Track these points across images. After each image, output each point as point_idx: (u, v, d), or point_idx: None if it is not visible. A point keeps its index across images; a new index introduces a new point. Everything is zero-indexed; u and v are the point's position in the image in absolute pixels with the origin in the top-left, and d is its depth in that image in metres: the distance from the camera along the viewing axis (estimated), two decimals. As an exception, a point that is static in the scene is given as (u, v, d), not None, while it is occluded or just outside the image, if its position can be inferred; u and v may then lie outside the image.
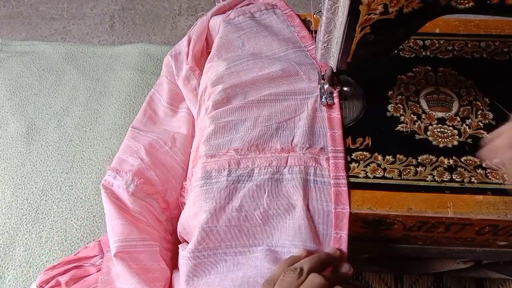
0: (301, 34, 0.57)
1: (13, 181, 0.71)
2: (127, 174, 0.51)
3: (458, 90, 0.50)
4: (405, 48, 0.54)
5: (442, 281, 0.59)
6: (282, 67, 0.52)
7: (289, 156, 0.44)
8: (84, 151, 0.74)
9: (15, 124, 0.78)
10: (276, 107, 0.48)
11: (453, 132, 0.46)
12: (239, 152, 0.45)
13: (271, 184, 0.43)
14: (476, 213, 0.41)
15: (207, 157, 0.45)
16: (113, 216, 0.48)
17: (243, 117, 0.48)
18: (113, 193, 0.50)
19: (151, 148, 0.55)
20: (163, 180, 0.53)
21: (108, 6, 1.03)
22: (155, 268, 0.47)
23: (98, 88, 0.83)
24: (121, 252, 0.46)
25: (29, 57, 0.89)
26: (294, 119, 0.47)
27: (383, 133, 0.47)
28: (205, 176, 0.44)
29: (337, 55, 0.41)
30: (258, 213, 0.42)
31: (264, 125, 0.47)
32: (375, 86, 0.50)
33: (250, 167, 0.44)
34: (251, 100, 0.49)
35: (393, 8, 0.35)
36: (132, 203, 0.49)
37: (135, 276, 0.45)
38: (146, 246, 0.48)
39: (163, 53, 0.88)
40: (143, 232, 0.49)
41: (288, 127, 0.47)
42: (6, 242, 0.64)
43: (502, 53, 0.53)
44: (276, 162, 0.44)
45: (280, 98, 0.49)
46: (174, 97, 0.61)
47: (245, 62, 0.53)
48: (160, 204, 0.53)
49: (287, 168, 0.44)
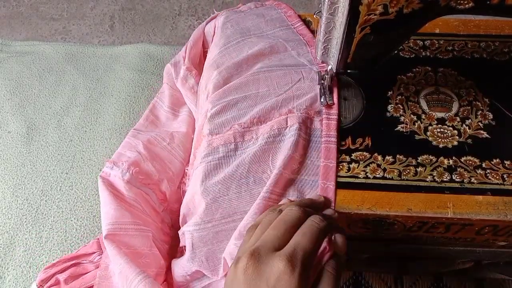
0: (299, 29, 0.58)
1: (13, 181, 0.71)
2: (123, 164, 0.52)
3: (458, 90, 0.50)
4: (405, 48, 0.54)
5: (442, 281, 0.59)
6: (271, 44, 0.54)
7: (288, 117, 0.46)
8: (84, 151, 0.74)
9: (15, 124, 0.78)
10: (272, 80, 0.50)
11: (453, 132, 0.46)
12: (242, 126, 0.47)
13: (274, 146, 0.45)
14: (476, 214, 0.41)
15: (212, 135, 0.47)
16: (107, 202, 0.49)
17: (242, 95, 0.50)
18: (110, 183, 0.51)
19: (149, 143, 0.56)
20: (159, 171, 0.54)
21: (108, 6, 1.03)
22: (147, 253, 0.47)
23: (98, 88, 0.83)
24: (111, 234, 0.47)
25: (29, 57, 0.89)
26: (292, 89, 0.49)
27: (383, 133, 0.47)
28: (212, 152, 0.46)
29: (337, 55, 0.42)
30: (266, 176, 0.44)
31: (264, 100, 0.49)
32: (375, 86, 0.51)
33: (255, 137, 0.46)
34: (246, 77, 0.51)
35: (393, 8, 0.35)
36: (128, 190, 0.50)
37: (124, 257, 0.45)
38: (137, 230, 0.48)
39: (163, 53, 0.88)
40: (135, 217, 0.49)
41: (287, 97, 0.49)
42: (6, 242, 0.64)
43: (502, 53, 0.53)
44: (277, 125, 0.46)
45: (274, 69, 0.51)
46: (175, 102, 0.63)
47: (234, 43, 0.55)
48: (156, 194, 0.53)
49: (287, 128, 0.46)
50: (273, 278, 0.30)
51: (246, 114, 0.48)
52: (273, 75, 0.51)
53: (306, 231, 0.33)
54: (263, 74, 0.51)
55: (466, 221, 0.42)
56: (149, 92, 0.81)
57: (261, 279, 0.30)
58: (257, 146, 0.45)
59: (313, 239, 0.33)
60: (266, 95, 0.49)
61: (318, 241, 0.33)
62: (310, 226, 0.34)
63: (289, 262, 0.30)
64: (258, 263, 0.31)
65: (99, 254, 0.54)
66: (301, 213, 0.35)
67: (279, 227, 0.34)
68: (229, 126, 0.47)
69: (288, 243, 0.32)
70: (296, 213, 0.35)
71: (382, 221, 0.43)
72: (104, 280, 0.49)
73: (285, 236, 0.33)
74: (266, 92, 0.49)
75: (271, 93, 0.49)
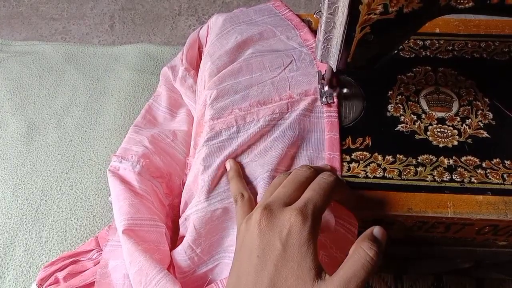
0: (287, 15, 0.59)
1: (13, 181, 0.71)
2: (133, 157, 0.52)
3: (458, 90, 0.50)
4: (405, 48, 0.54)
5: (442, 281, 0.59)
6: (260, 31, 0.56)
7: (289, 102, 0.48)
8: (84, 151, 0.74)
9: (15, 124, 0.78)
10: (264, 63, 0.52)
11: (453, 132, 0.46)
12: (243, 109, 0.48)
13: (277, 128, 0.46)
14: (476, 213, 0.41)
15: (214, 120, 0.48)
16: (120, 197, 0.49)
17: (237, 80, 0.51)
18: (120, 176, 0.51)
19: (154, 139, 0.56)
20: (167, 165, 0.54)
21: (108, 6, 1.03)
22: (161, 249, 0.47)
23: (98, 88, 0.83)
24: (128, 230, 0.46)
25: (29, 57, 0.89)
26: (285, 71, 0.51)
27: (383, 133, 0.47)
28: (214, 136, 0.47)
29: (337, 55, 0.42)
30: (269, 155, 0.45)
31: (259, 84, 0.50)
32: (375, 86, 0.51)
33: (256, 119, 0.47)
34: (239, 63, 0.52)
35: (393, 8, 0.35)
36: (139, 182, 0.50)
37: (143, 254, 0.44)
38: (153, 226, 0.48)
39: (163, 53, 0.88)
40: (151, 213, 0.49)
41: (281, 79, 0.50)
42: (6, 242, 0.64)
43: (502, 53, 0.53)
44: (279, 109, 0.47)
45: (265, 54, 0.53)
46: (173, 103, 0.64)
47: (225, 33, 0.57)
48: (164, 189, 0.53)
49: (289, 113, 0.47)
50: (285, 230, 0.31)
51: (245, 98, 0.49)
52: (265, 59, 0.52)
53: (316, 186, 0.34)
54: (255, 59, 0.53)
55: (466, 220, 0.42)
56: (149, 92, 0.81)
57: (273, 231, 0.31)
58: (259, 128, 0.46)
59: (323, 193, 0.34)
60: (260, 79, 0.51)
61: (328, 196, 0.34)
62: (320, 182, 0.35)
63: (300, 215, 0.31)
64: (271, 216, 0.32)
65: (98, 251, 0.54)
66: (311, 173, 0.36)
67: (289, 185, 0.35)
68: (229, 110, 0.48)
69: (299, 199, 0.34)
70: (306, 172, 0.36)
71: (382, 221, 0.43)
72: (104, 277, 0.49)
73: (295, 193, 0.34)
74: (260, 76, 0.51)
75: (264, 76, 0.51)
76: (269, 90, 0.49)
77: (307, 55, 0.53)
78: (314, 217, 0.32)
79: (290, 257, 0.30)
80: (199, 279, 0.46)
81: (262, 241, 0.32)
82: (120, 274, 0.47)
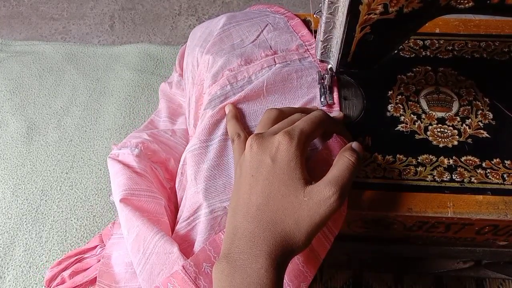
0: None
1: (13, 181, 0.71)
2: (131, 143, 0.54)
3: (458, 90, 0.50)
4: (405, 48, 0.54)
5: (442, 281, 0.59)
6: (245, 11, 0.60)
7: (275, 57, 0.51)
8: (84, 151, 0.74)
9: (15, 124, 0.78)
10: (243, 30, 0.55)
11: (453, 132, 0.46)
12: (232, 70, 0.51)
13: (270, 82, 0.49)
14: (476, 213, 0.41)
15: (210, 86, 0.51)
16: (118, 174, 0.49)
17: (220, 48, 0.54)
18: (119, 160, 0.52)
19: (153, 134, 0.58)
20: (166, 151, 0.56)
21: (108, 6, 1.03)
22: (161, 221, 0.46)
23: (98, 88, 0.83)
24: (126, 199, 0.46)
25: (29, 57, 0.89)
26: (263, 33, 0.54)
27: (383, 133, 0.47)
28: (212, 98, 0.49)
29: (337, 55, 0.41)
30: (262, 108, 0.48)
31: (241, 48, 0.53)
32: (375, 86, 0.50)
33: (247, 76, 0.50)
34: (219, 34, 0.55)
35: (393, 8, 0.35)
36: (138, 163, 0.51)
37: (140, 219, 0.44)
38: (151, 197, 0.48)
39: (163, 53, 0.88)
40: (149, 186, 0.49)
41: (261, 41, 0.54)
42: (6, 242, 0.64)
43: (502, 53, 0.53)
44: (267, 63, 0.51)
45: (241, 22, 0.57)
46: (172, 112, 0.66)
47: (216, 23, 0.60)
48: (164, 173, 0.54)
49: (276, 65, 0.51)
50: (274, 149, 0.34)
51: (231, 60, 0.52)
52: (242, 27, 0.56)
53: (305, 118, 0.37)
54: (233, 28, 0.56)
55: (466, 220, 0.41)
56: (149, 92, 0.81)
57: (264, 151, 0.35)
58: (252, 84, 0.49)
59: (310, 122, 0.37)
60: (241, 44, 0.54)
61: (316, 125, 0.37)
62: (309, 115, 0.38)
63: (287, 135, 0.34)
64: (262, 141, 0.35)
65: (101, 247, 0.54)
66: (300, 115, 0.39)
67: (282, 122, 0.39)
68: (221, 74, 0.51)
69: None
70: (297, 116, 0.39)
71: (382, 221, 0.43)
72: (107, 267, 0.48)
73: (285, 126, 0.37)
74: (240, 42, 0.54)
75: (244, 41, 0.54)
76: (252, 49, 0.52)
77: (281, 19, 0.56)
78: (300, 138, 0.35)
79: (280, 170, 0.34)
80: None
81: (254, 161, 0.35)
82: (122, 263, 0.47)
